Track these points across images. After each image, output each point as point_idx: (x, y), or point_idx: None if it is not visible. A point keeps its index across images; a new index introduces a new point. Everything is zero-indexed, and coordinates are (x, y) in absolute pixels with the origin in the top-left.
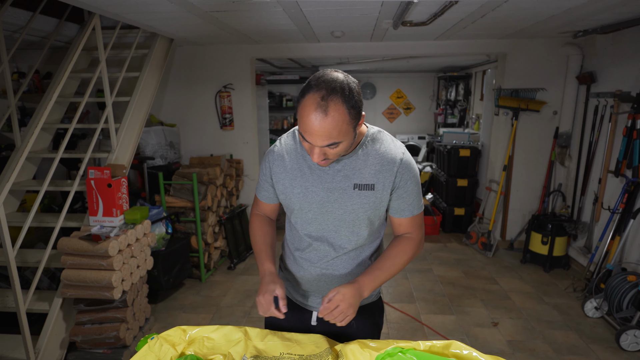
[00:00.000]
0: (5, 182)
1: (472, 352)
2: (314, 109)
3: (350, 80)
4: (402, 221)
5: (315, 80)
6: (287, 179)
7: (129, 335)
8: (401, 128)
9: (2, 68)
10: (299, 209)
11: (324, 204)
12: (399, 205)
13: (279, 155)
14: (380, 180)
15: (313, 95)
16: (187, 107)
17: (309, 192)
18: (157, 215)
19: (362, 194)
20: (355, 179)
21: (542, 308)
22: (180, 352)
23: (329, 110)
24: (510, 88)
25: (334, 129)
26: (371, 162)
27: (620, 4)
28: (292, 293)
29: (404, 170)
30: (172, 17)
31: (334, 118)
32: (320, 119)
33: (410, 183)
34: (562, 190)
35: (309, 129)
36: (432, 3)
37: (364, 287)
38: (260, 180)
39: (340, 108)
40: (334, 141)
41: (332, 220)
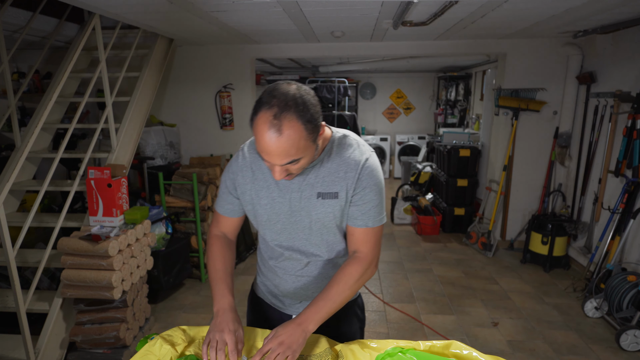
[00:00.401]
0: (5, 182)
1: (472, 352)
2: (267, 128)
3: (303, 92)
4: (354, 231)
5: (267, 96)
6: (253, 190)
7: (129, 335)
8: (401, 128)
9: (2, 68)
10: (267, 220)
11: (291, 214)
12: (353, 213)
13: (243, 167)
14: (344, 187)
15: (265, 113)
16: (187, 107)
17: (275, 203)
18: (157, 215)
19: (326, 203)
20: (319, 188)
21: (542, 308)
22: (180, 352)
23: (283, 128)
24: (510, 88)
25: (291, 147)
26: (335, 169)
27: (620, 4)
28: (269, 298)
29: (364, 175)
30: (172, 17)
31: (290, 136)
32: (275, 138)
33: (369, 191)
34: (562, 190)
35: (264, 149)
36: (432, 3)
37: (308, 322)
38: (221, 194)
39: (295, 124)
40: (292, 159)
41: (302, 229)
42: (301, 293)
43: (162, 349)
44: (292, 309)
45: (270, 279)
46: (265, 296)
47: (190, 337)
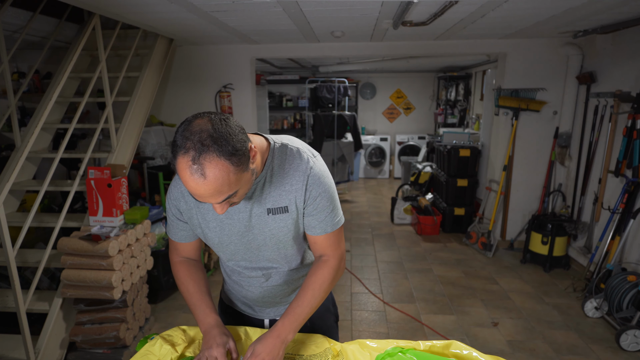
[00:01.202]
0: (5, 182)
1: (472, 352)
2: (189, 174)
3: (218, 124)
4: (315, 239)
5: (180, 138)
6: (199, 214)
7: (129, 335)
8: (401, 128)
9: (2, 68)
10: (218, 243)
11: (243, 234)
12: (310, 222)
13: (185, 192)
14: (292, 200)
15: (183, 159)
16: (187, 107)
17: (225, 225)
18: (157, 215)
19: (277, 218)
20: (267, 204)
21: (542, 308)
22: (180, 353)
23: (206, 171)
24: (510, 88)
25: (222, 186)
26: (280, 182)
27: (620, 4)
28: (239, 305)
29: (311, 185)
30: (172, 17)
31: (216, 177)
32: (201, 183)
33: (320, 199)
34: (562, 190)
35: (194, 193)
36: (432, 3)
37: (286, 332)
38: (169, 221)
39: (218, 162)
40: (227, 195)
41: (256, 247)
42: (269, 300)
43: (162, 349)
44: (263, 314)
45: (237, 290)
46: (234, 304)
47: (190, 337)
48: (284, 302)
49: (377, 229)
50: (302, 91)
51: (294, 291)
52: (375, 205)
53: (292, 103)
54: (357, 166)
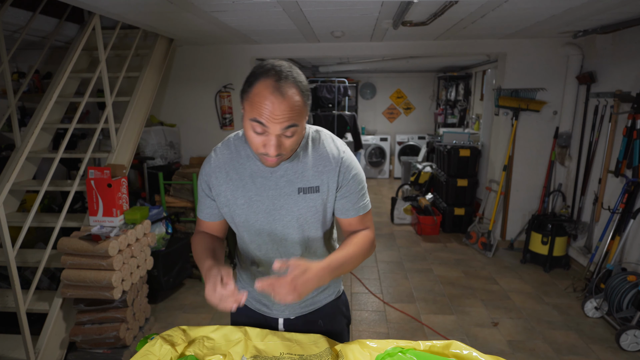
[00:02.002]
0: (5, 182)
1: (472, 352)
2: (270, 92)
3: (293, 65)
4: (351, 221)
5: (261, 68)
6: (229, 190)
7: (129, 335)
8: (401, 128)
9: (2, 68)
10: (244, 221)
11: (270, 212)
12: (344, 205)
13: (216, 167)
14: (324, 181)
15: (265, 81)
16: (187, 107)
17: (253, 202)
18: (157, 215)
19: (307, 197)
20: (299, 183)
21: (542, 308)
22: (180, 353)
23: (284, 90)
24: (510, 88)
25: (293, 109)
26: (313, 163)
27: (620, 4)
28: (254, 304)
29: (345, 168)
30: (172, 17)
31: (291, 98)
32: (279, 100)
33: (353, 181)
34: (562, 190)
35: (267, 113)
36: (432, 3)
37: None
38: (199, 198)
39: (294, 88)
40: (292, 123)
41: (281, 228)
42: None
43: (162, 349)
44: (278, 311)
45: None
46: (248, 302)
47: (190, 337)
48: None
49: (377, 229)
50: None
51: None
52: (375, 205)
53: None
54: None
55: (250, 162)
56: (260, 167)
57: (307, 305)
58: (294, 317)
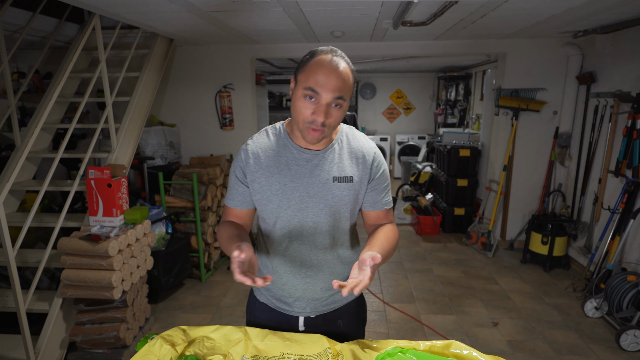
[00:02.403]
0: (5, 182)
1: (472, 352)
2: (327, 62)
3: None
4: (378, 214)
5: (319, 48)
6: (264, 176)
7: (129, 335)
8: (401, 128)
9: (2, 68)
10: (277, 207)
11: (303, 199)
12: (374, 198)
13: (253, 154)
14: (358, 172)
15: (323, 55)
16: (187, 107)
17: (287, 188)
18: (157, 215)
19: (341, 186)
20: (334, 172)
21: (542, 308)
22: (180, 353)
23: (340, 64)
24: (510, 88)
25: (345, 82)
26: (348, 155)
27: (620, 4)
28: (274, 302)
29: (378, 164)
30: (172, 17)
31: (345, 70)
32: (335, 69)
33: (383, 176)
34: (562, 190)
35: (322, 79)
36: (432, 3)
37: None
38: (230, 186)
39: (347, 66)
40: (341, 95)
41: (312, 216)
42: (309, 290)
43: (162, 349)
44: (298, 309)
45: (275, 280)
46: (268, 300)
47: (190, 337)
48: (322, 298)
49: None
50: None
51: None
52: None
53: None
54: None
55: (286, 150)
56: (296, 155)
57: (329, 303)
58: (315, 316)
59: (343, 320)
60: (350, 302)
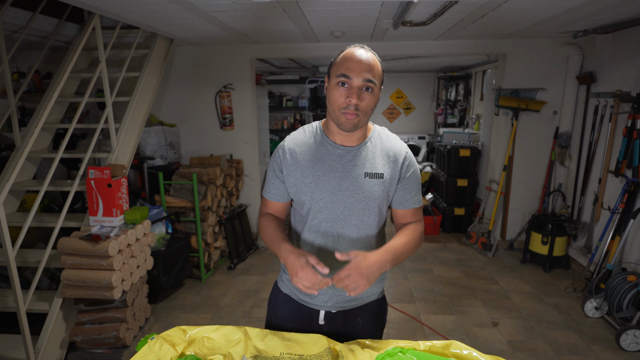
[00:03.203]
0: (5, 182)
1: (472, 352)
2: (356, 51)
3: None
4: (406, 212)
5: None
6: (299, 170)
7: (129, 335)
8: (401, 128)
9: (2, 68)
10: (310, 199)
11: (334, 192)
12: (403, 196)
13: (290, 149)
14: (388, 170)
15: (352, 47)
16: (187, 107)
17: (320, 181)
18: (157, 215)
19: (372, 182)
20: (366, 168)
21: (542, 308)
22: (180, 352)
23: (368, 52)
24: (510, 88)
25: (374, 66)
26: (379, 154)
27: (620, 4)
28: (296, 294)
29: (409, 164)
30: (172, 17)
31: (372, 58)
32: (364, 53)
33: (413, 176)
34: (562, 190)
35: (353, 63)
36: (432, 3)
37: (387, 262)
38: (268, 179)
39: (374, 55)
40: (370, 78)
41: (342, 209)
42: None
43: (162, 349)
44: (321, 303)
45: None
46: (292, 292)
47: (191, 337)
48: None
49: None
50: (302, 91)
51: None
52: None
53: (292, 103)
54: None
55: (322, 147)
56: (331, 151)
57: (350, 299)
58: (335, 311)
59: (363, 319)
60: (371, 302)
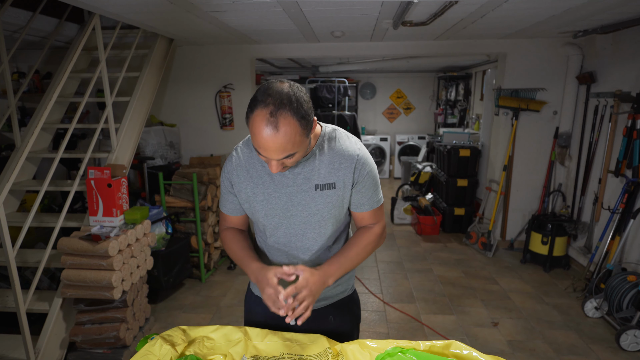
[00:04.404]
0: (5, 182)
1: (472, 352)
2: (264, 125)
3: (296, 90)
4: (363, 215)
5: (262, 94)
6: (249, 187)
7: (129, 335)
8: (401, 128)
9: (2, 68)
10: (264, 216)
11: (288, 208)
12: (359, 200)
13: (237, 165)
14: (340, 177)
15: (262, 111)
16: (187, 107)
17: (272, 198)
18: (157, 215)
19: (324, 194)
20: (315, 180)
21: (542, 308)
22: (180, 353)
23: (279, 125)
24: (510, 88)
25: (288, 143)
26: (329, 161)
27: (620, 4)
28: None
29: (361, 165)
30: (172, 17)
31: (286, 132)
32: (272, 135)
33: (368, 177)
34: (562, 190)
35: (262, 144)
36: (432, 3)
37: (329, 276)
38: (222, 194)
39: (291, 121)
40: (288, 154)
41: (298, 223)
42: None
43: (162, 349)
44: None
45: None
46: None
47: (190, 337)
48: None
49: None
50: None
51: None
52: None
53: None
54: None
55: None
56: None
57: (320, 299)
58: None
59: (335, 316)
60: (342, 299)
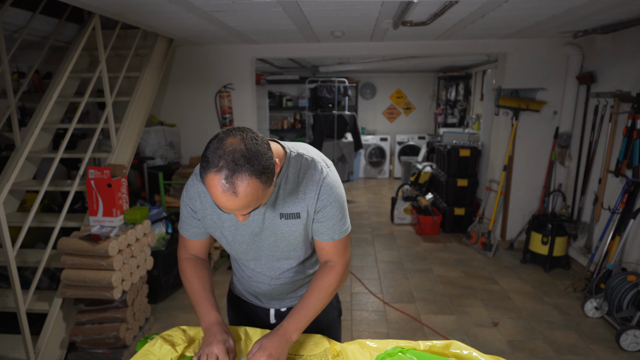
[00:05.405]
0: (5, 182)
1: (472, 352)
2: (220, 191)
3: (250, 142)
4: (323, 245)
5: (212, 155)
6: (215, 214)
7: (129, 335)
8: (401, 128)
9: (2, 68)
10: (232, 241)
11: (255, 235)
12: (318, 228)
13: (201, 193)
14: (304, 207)
15: (215, 176)
16: (187, 107)
17: (239, 226)
18: (157, 215)
19: (289, 223)
20: (281, 209)
21: (542, 308)
22: (180, 353)
23: (237, 189)
24: (510, 88)
25: (250, 202)
26: (294, 190)
27: (620, 4)
28: (247, 296)
29: (323, 194)
30: (172, 17)
31: (246, 195)
32: (232, 199)
33: (331, 208)
34: (562, 190)
35: (223, 207)
36: (432, 3)
37: (290, 332)
38: (183, 217)
39: (250, 182)
40: (253, 208)
41: (266, 247)
42: (276, 295)
43: (162, 349)
44: (269, 304)
45: (246, 282)
46: (242, 294)
47: (190, 337)
48: (290, 297)
49: (377, 229)
50: (302, 91)
51: (300, 287)
52: (375, 205)
53: (292, 103)
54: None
55: None
56: None
57: (297, 297)
58: (285, 309)
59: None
60: None
